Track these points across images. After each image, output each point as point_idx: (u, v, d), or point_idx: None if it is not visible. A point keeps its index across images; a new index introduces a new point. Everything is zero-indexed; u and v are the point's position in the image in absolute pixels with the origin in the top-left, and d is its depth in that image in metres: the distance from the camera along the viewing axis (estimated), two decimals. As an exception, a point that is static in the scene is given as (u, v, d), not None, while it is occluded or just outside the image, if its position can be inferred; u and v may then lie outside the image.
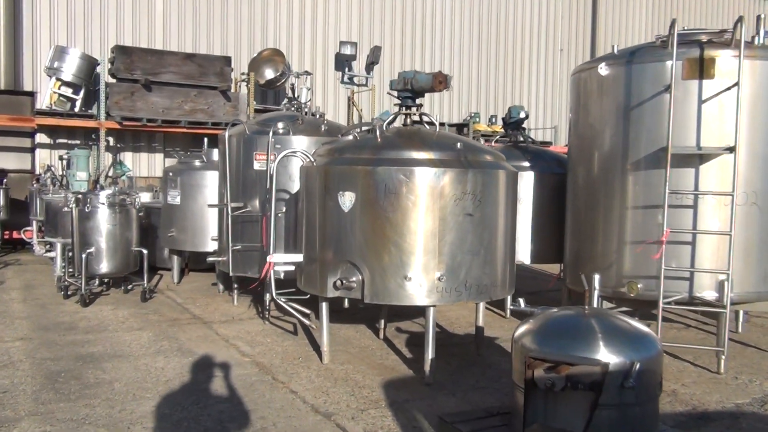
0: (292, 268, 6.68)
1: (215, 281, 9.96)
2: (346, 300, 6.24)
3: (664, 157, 6.38)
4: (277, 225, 7.82)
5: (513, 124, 9.12)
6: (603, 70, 6.97)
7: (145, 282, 9.29)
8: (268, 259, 6.29)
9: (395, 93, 6.75)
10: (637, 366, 4.04)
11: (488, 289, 6.15)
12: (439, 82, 6.37)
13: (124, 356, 6.66)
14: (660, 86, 6.53)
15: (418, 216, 5.90)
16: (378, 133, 6.31)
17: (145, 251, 9.16)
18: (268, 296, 8.04)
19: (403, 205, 5.90)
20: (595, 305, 6.44)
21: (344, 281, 6.02)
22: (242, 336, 7.45)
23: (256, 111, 14.79)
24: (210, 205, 8.92)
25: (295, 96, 9.78)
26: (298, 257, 6.35)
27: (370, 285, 5.97)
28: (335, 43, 18.11)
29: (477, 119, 18.85)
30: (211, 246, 9.53)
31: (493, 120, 19.23)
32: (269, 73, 16.27)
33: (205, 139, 10.99)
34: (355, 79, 18.57)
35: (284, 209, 8.00)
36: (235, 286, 8.98)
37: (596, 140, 7.19)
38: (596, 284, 6.20)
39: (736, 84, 6.22)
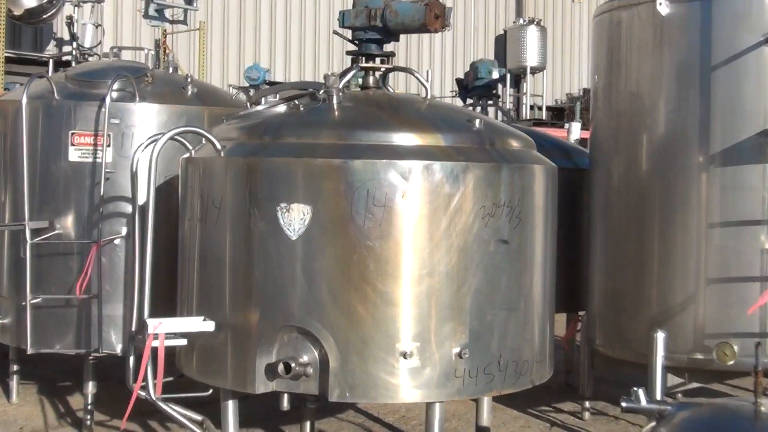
0: (184, 341, 5.56)
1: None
2: (286, 398, 5.30)
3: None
4: (111, 261, 6.75)
5: (480, 88, 8.57)
6: (663, 6, 6.52)
7: None
8: (153, 329, 5.11)
9: (347, 33, 6.03)
10: None
11: (530, 368, 5.54)
12: (435, 16, 5.63)
13: None
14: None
15: (422, 245, 5.12)
16: (335, 100, 5.43)
17: None
18: (91, 386, 6.86)
19: (397, 227, 5.07)
20: (658, 381, 6.08)
21: (291, 364, 5.06)
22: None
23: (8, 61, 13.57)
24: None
25: (74, 36, 9.20)
26: (206, 325, 5.28)
27: (339, 370, 5.05)
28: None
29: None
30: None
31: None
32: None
33: None
34: (168, 13, 17.71)
35: (124, 232, 6.82)
36: (15, 368, 7.65)
37: (645, 118, 6.75)
38: (660, 347, 5.99)
39: None
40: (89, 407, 6.97)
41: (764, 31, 6.16)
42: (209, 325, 5.25)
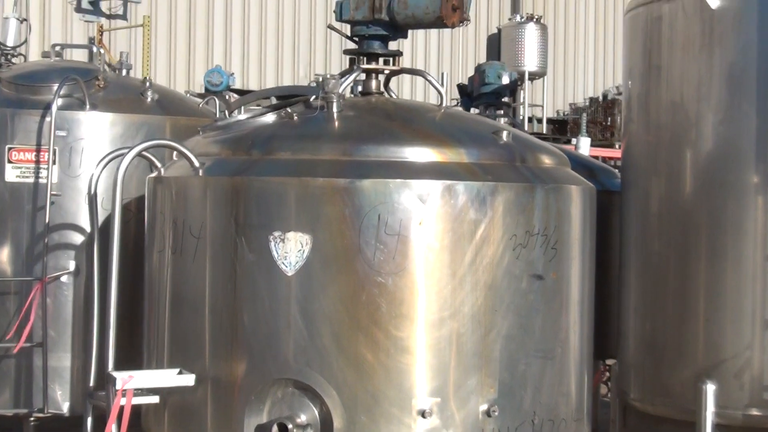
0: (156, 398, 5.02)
1: None
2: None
3: None
4: (57, 301, 6.19)
5: (488, 96, 8.16)
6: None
7: None
8: (122, 384, 4.55)
9: (343, 28, 5.62)
10: None
11: (567, 428, 5.15)
12: (453, 8, 5.17)
13: None
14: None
15: (443, 281, 4.66)
16: (335, 108, 4.92)
17: None
18: None
19: (413, 260, 4.58)
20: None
21: (287, 425, 4.57)
22: None
23: None
24: None
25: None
26: (184, 378, 4.74)
27: (345, 431, 4.56)
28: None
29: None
30: None
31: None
32: None
33: None
34: (104, 6, 16.85)
35: (72, 267, 6.25)
36: None
37: (690, 131, 6.38)
38: (710, 402, 5.77)
39: None
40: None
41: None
42: (188, 379, 4.71)
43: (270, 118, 5.12)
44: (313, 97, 5.12)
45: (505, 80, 8.37)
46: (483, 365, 4.71)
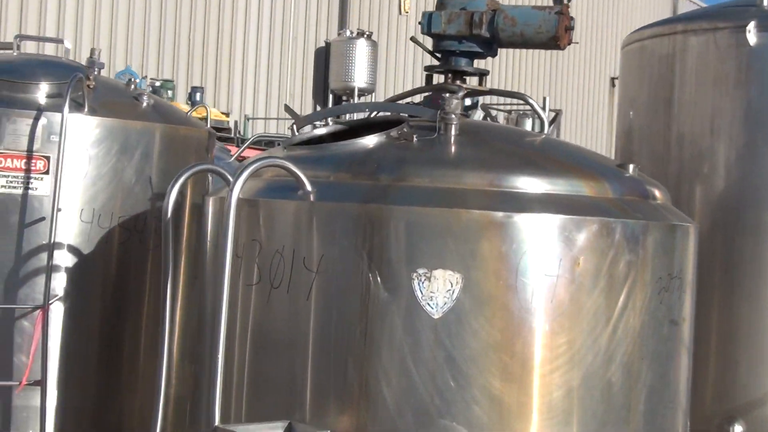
0: None
1: None
2: None
3: None
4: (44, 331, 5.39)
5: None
6: (753, 34, 6.11)
7: None
8: None
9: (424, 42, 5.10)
10: None
11: None
12: (566, 29, 4.88)
13: None
14: None
15: (598, 328, 4.29)
16: (453, 131, 4.52)
17: None
18: None
19: (572, 303, 4.22)
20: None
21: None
22: None
23: None
24: None
25: None
26: None
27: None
28: None
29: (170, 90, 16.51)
30: None
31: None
32: None
33: None
34: None
35: (61, 293, 5.49)
36: None
37: (703, 164, 6.35)
38: None
39: None
40: None
41: None
42: None
43: (371, 139, 4.62)
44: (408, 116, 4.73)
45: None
46: (631, 419, 4.39)
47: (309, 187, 4.28)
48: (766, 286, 6.14)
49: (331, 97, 19.77)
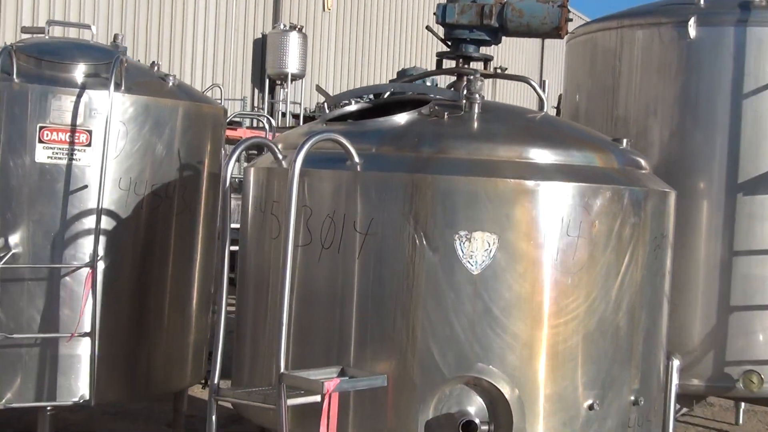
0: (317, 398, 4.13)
1: None
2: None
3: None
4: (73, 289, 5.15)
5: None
6: (693, 29, 6.06)
7: None
8: (329, 387, 3.70)
9: (436, 30, 4.92)
10: None
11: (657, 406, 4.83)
12: (566, 20, 4.78)
13: None
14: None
15: (610, 281, 4.23)
16: (476, 109, 4.38)
17: None
18: None
19: (590, 259, 4.15)
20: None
21: (476, 422, 4.00)
22: None
23: None
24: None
25: None
26: (379, 380, 3.96)
27: (522, 427, 4.06)
28: None
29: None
30: None
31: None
32: None
33: None
34: None
35: (101, 253, 5.20)
36: None
37: (641, 141, 6.12)
38: (675, 374, 5.45)
39: None
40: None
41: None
42: (382, 380, 3.98)
43: (404, 116, 4.44)
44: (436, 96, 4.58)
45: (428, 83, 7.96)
46: (632, 358, 4.34)
47: (357, 159, 4.11)
48: (695, 240, 6.11)
49: (267, 81, 19.40)
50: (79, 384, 5.22)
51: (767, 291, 6.00)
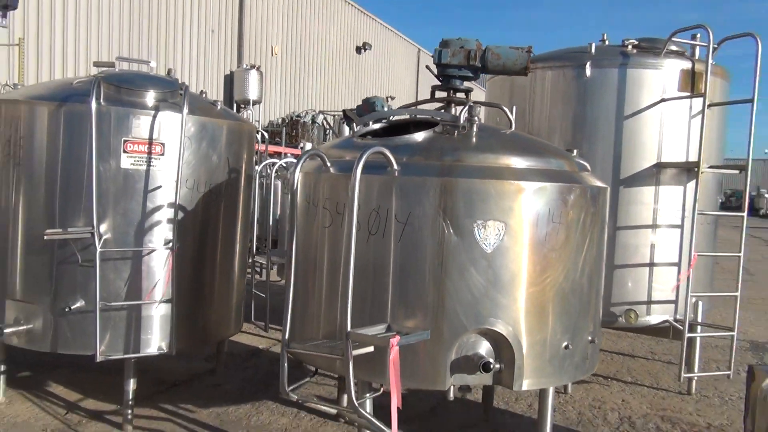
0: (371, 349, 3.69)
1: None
2: (452, 389, 3.80)
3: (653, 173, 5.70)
4: (149, 266, 4.56)
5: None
6: (588, 70, 5.84)
7: None
8: (394, 342, 3.28)
9: (434, 69, 4.47)
10: None
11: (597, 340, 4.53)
12: (532, 61, 4.43)
13: None
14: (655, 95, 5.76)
15: (578, 253, 3.94)
16: (475, 128, 3.99)
17: None
18: (132, 383, 4.60)
19: (567, 239, 3.86)
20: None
21: (490, 362, 3.65)
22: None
23: None
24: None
25: None
26: (425, 334, 3.54)
27: (522, 364, 3.74)
28: None
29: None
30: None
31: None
32: None
33: None
34: None
35: (169, 238, 4.59)
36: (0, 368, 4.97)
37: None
38: None
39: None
40: (130, 402, 4.67)
41: (661, 94, 5.74)
42: (427, 334, 3.57)
43: (421, 134, 4.00)
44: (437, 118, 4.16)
45: (385, 108, 7.46)
46: (590, 310, 4.08)
47: (396, 166, 3.67)
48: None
49: (235, 105, 18.51)
50: (155, 338, 4.61)
51: (638, 254, 5.82)
